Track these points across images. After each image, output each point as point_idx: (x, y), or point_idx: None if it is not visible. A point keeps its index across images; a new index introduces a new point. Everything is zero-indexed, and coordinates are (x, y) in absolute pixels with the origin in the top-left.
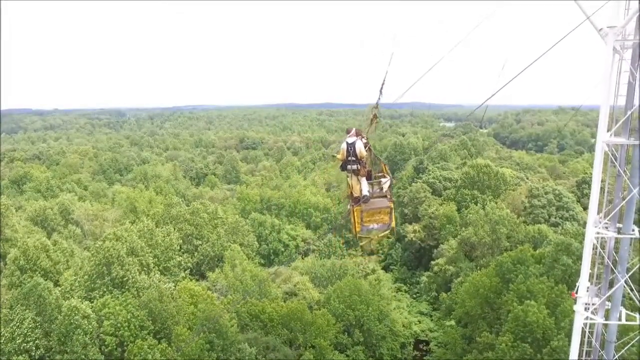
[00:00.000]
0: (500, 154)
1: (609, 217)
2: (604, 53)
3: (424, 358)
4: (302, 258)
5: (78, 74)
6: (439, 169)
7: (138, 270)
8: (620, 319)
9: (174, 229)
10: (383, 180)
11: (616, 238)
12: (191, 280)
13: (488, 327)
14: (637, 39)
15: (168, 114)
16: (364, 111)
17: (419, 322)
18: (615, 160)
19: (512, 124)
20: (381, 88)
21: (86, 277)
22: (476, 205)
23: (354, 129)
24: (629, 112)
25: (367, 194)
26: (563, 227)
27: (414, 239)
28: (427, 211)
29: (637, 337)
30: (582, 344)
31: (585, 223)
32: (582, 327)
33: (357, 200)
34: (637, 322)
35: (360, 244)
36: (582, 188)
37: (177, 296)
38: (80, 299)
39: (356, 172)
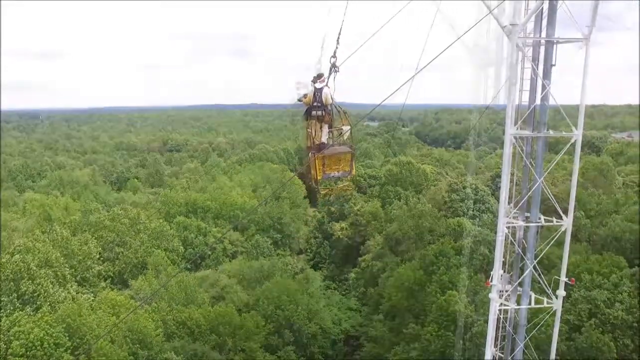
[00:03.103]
0: (421, 151)
1: (518, 207)
2: (508, 50)
3: (355, 353)
4: (230, 260)
5: None
6: (364, 167)
7: (52, 282)
8: (530, 303)
9: (92, 236)
10: (345, 128)
11: (525, 226)
12: (113, 289)
13: (414, 318)
14: (537, 37)
15: (85, 116)
16: (290, 111)
17: (349, 318)
18: (522, 152)
19: (431, 123)
20: (338, 38)
21: None
22: (399, 201)
23: (324, 75)
24: (532, 106)
25: (326, 141)
26: (480, 219)
27: (341, 236)
28: (353, 209)
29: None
30: (497, 329)
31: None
32: (497, 313)
33: (319, 148)
34: (544, 305)
35: (322, 192)
36: (496, 182)
37: (97, 307)
38: None
39: (320, 119)
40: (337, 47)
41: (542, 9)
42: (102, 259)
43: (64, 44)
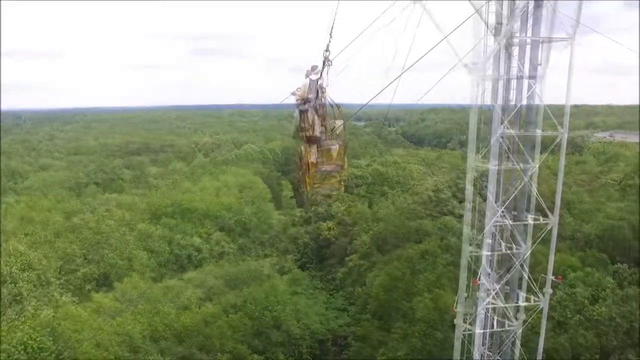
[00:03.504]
0: (407, 151)
1: (505, 205)
2: (495, 49)
3: (343, 352)
4: (217, 261)
5: None
6: (350, 167)
7: (35, 285)
8: (517, 301)
9: (77, 238)
10: (337, 122)
11: (512, 225)
12: (97, 292)
13: (402, 317)
14: (523, 36)
15: (69, 117)
16: (277, 112)
17: (336, 317)
18: (509, 151)
19: (418, 122)
20: (331, 32)
21: None
22: (386, 200)
23: (318, 67)
24: (518, 106)
25: (319, 134)
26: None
27: (328, 236)
28: (340, 208)
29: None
30: (485, 326)
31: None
32: (485, 311)
33: (312, 141)
34: (532, 302)
35: (315, 186)
36: (481, 180)
37: (82, 310)
38: None
39: (315, 111)
40: (330, 41)
41: (528, 8)
42: (87, 260)
43: (64, 43)
